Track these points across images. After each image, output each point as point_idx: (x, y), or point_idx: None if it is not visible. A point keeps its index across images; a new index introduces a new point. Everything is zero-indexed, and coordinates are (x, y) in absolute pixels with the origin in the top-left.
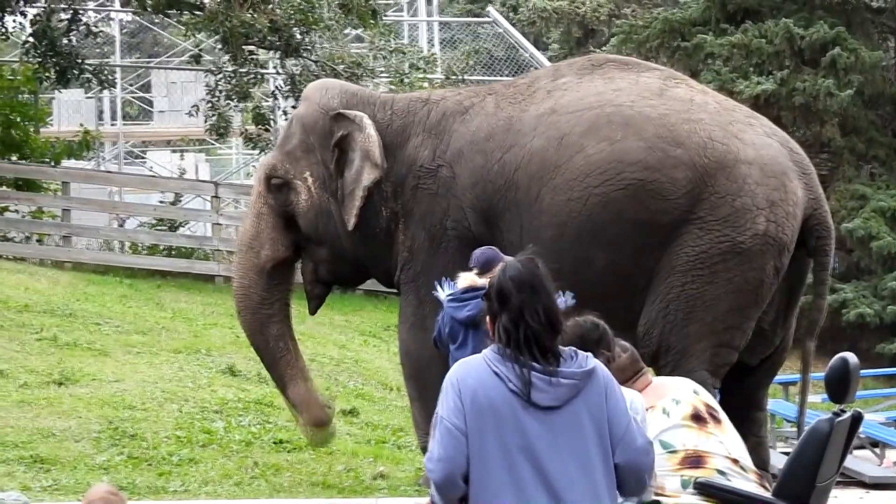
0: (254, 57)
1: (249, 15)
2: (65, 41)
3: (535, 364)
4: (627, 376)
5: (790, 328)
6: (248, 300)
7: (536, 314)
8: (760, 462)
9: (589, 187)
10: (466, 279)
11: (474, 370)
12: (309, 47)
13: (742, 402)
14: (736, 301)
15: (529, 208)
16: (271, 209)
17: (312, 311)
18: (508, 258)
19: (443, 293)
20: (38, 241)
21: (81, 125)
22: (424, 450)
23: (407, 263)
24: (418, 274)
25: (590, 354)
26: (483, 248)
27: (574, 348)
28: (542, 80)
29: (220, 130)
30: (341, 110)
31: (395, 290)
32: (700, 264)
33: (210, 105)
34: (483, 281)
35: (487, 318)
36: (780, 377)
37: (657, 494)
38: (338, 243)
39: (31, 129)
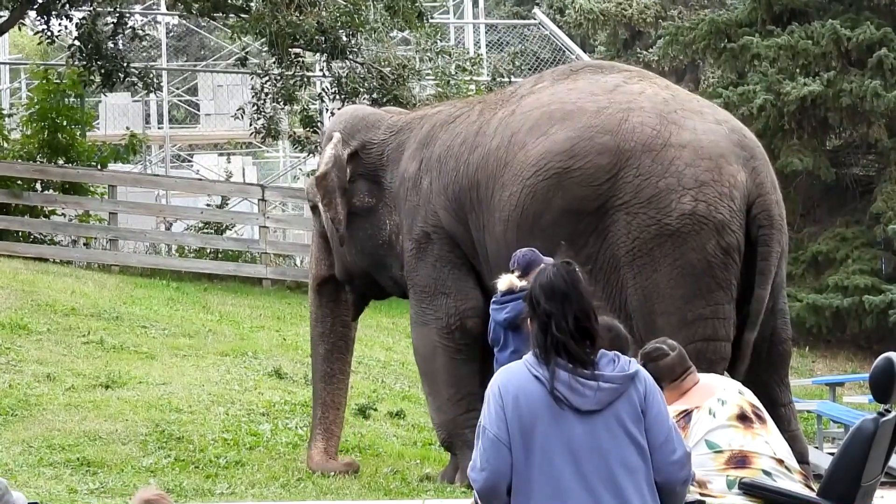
0: (300, 59)
1: (295, 17)
2: (110, 44)
3: (572, 367)
4: (676, 375)
5: (770, 319)
6: (311, 318)
7: (564, 322)
8: (798, 455)
9: (523, 180)
10: (506, 281)
11: (515, 376)
12: (355, 49)
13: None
14: (691, 287)
15: (487, 206)
16: (316, 230)
17: (352, 318)
18: (549, 260)
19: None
20: (84, 244)
21: (128, 128)
22: (443, 444)
23: (407, 272)
24: (413, 278)
25: (633, 359)
26: (524, 249)
27: (617, 352)
28: (524, 86)
29: (270, 133)
30: (331, 132)
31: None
32: (639, 252)
33: (255, 108)
34: (522, 283)
35: (529, 321)
36: (826, 378)
37: (702, 495)
38: (346, 260)
39: (78, 133)
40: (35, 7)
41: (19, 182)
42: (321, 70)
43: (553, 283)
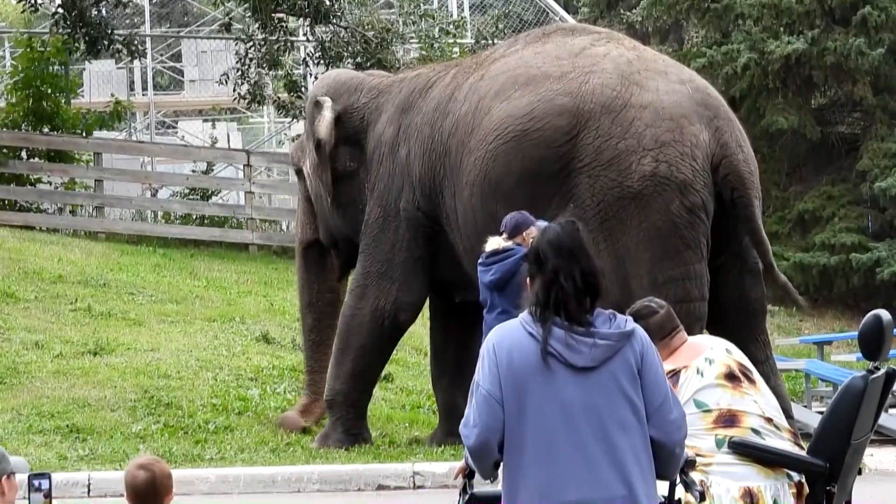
0: (283, 24)
1: None
2: (94, 12)
3: (568, 325)
4: (666, 332)
5: (740, 278)
6: (297, 284)
7: (572, 279)
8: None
9: (485, 144)
10: (493, 243)
11: (509, 334)
12: (338, 13)
13: None
14: (659, 248)
15: (458, 172)
16: (301, 194)
17: (338, 280)
18: (541, 223)
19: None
20: (71, 212)
21: (112, 95)
22: (329, 404)
23: (363, 234)
24: (368, 245)
25: (630, 318)
26: (513, 212)
27: (613, 311)
28: (499, 49)
29: (255, 98)
30: (318, 98)
31: None
32: (605, 215)
33: (240, 73)
34: (508, 243)
35: (528, 280)
36: (814, 337)
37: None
38: (330, 224)
39: (63, 101)
40: None
41: (4, 150)
42: (305, 35)
43: (560, 239)
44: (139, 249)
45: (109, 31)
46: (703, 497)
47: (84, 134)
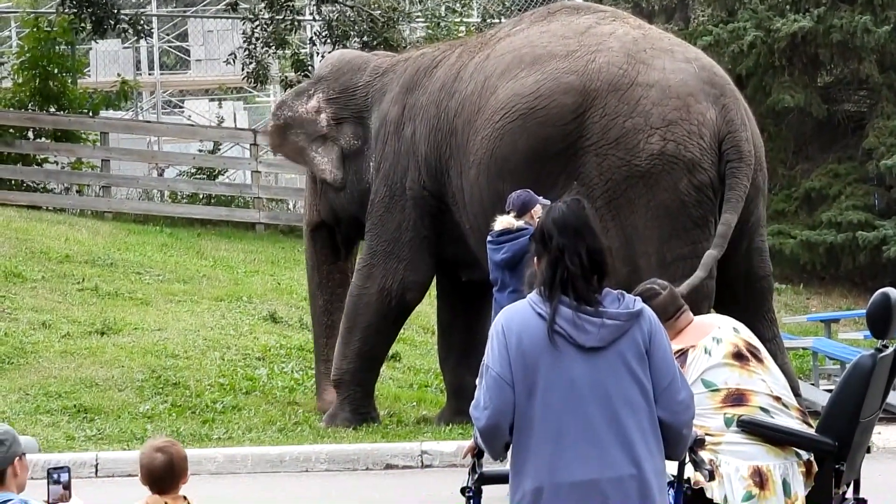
0: (290, 3)
1: None
2: None
3: (576, 304)
4: (670, 314)
5: (746, 257)
6: (307, 266)
7: (577, 257)
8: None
9: (492, 123)
10: (503, 222)
11: (518, 314)
12: None
13: None
14: (667, 227)
15: (464, 151)
16: (308, 176)
17: (343, 259)
18: (545, 200)
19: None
20: (77, 191)
21: (119, 75)
22: (336, 384)
23: (369, 213)
24: (375, 225)
25: (638, 298)
26: (519, 190)
27: (622, 291)
28: (504, 28)
29: (259, 78)
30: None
31: None
32: (613, 194)
33: (247, 53)
34: (519, 223)
35: (535, 259)
36: (821, 315)
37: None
38: (335, 202)
39: (69, 81)
40: None
41: (11, 130)
42: (311, 14)
43: (565, 217)
44: (146, 229)
45: (115, 11)
46: (712, 476)
47: (90, 114)
